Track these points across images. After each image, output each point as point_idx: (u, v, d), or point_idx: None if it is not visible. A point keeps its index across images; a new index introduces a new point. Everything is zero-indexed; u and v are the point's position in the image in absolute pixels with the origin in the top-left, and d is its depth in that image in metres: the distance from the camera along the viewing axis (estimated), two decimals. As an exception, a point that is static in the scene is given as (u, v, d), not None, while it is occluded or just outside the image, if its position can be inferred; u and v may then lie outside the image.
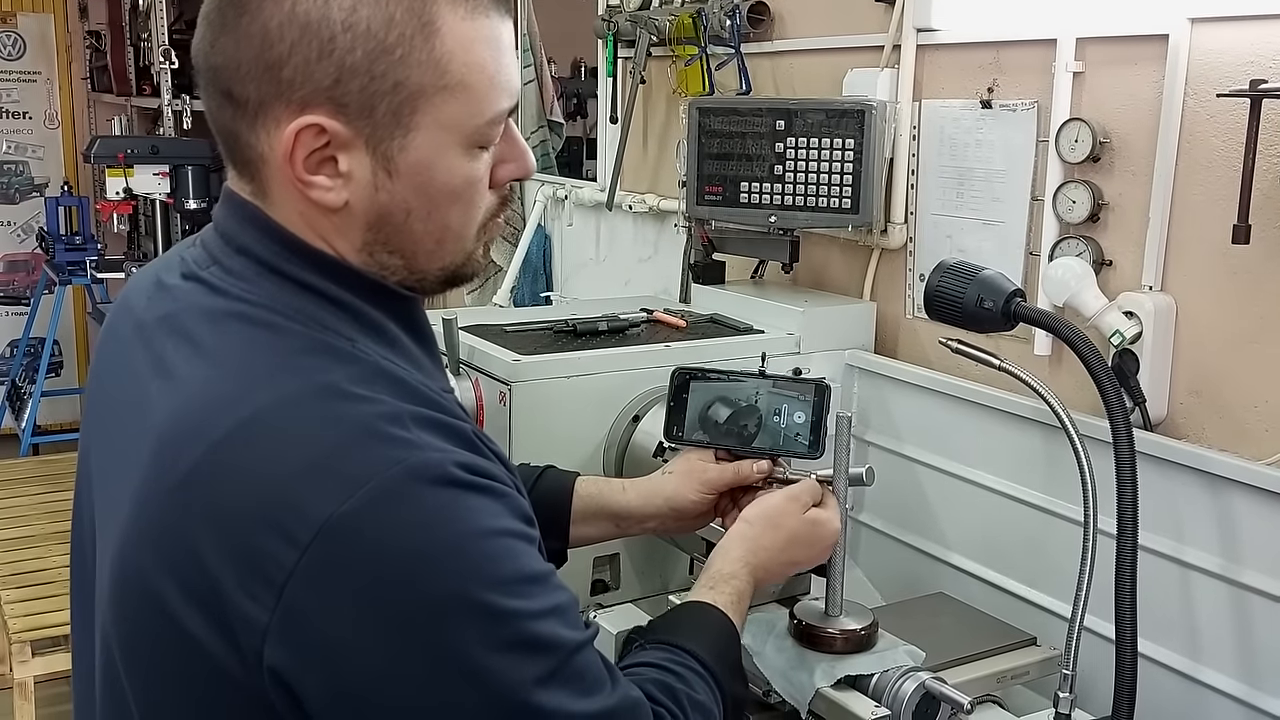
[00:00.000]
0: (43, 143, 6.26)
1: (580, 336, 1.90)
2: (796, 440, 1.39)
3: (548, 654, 0.87)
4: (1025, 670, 1.49)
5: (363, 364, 0.90)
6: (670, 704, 1.03)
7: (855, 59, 2.00)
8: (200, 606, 0.84)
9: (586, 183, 2.88)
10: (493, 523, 0.86)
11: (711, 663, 1.12)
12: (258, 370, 0.88)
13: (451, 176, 0.95)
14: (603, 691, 0.92)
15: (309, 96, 0.89)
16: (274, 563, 0.81)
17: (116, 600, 0.91)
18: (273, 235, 0.95)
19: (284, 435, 0.84)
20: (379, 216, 0.94)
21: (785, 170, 1.93)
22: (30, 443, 5.19)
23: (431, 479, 0.84)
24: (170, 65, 4.97)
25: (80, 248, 5.40)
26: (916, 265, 1.95)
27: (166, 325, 0.96)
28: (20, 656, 3.03)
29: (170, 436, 0.88)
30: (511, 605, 0.85)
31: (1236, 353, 1.50)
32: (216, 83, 0.93)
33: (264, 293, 0.93)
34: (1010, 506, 1.70)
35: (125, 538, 0.89)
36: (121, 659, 0.92)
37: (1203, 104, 1.50)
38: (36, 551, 3.45)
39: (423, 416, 0.88)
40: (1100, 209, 1.63)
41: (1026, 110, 1.74)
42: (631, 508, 1.40)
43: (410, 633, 0.82)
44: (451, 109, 0.93)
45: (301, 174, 0.91)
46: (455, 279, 1.02)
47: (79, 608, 1.07)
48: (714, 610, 1.19)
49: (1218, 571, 1.45)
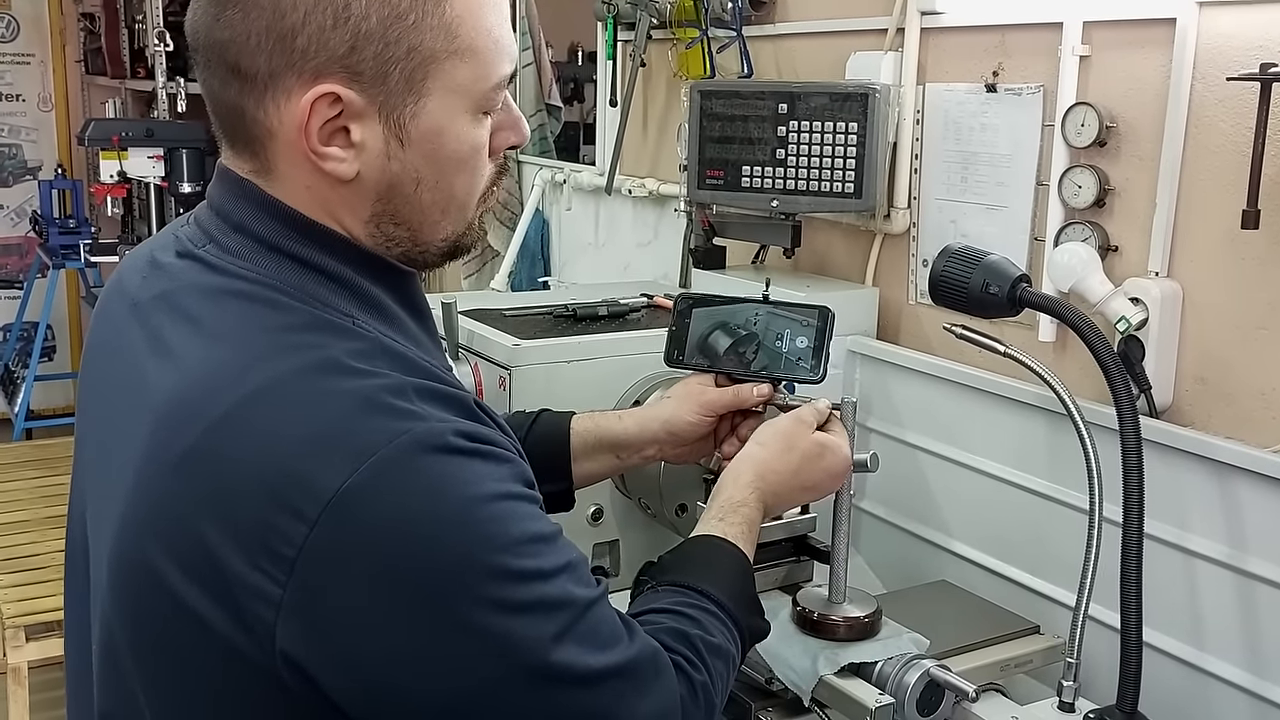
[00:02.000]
0: (36, 125, 6.22)
1: (580, 321, 1.89)
2: (798, 364, 1.37)
3: (562, 611, 0.87)
4: (1029, 659, 1.48)
5: (363, 339, 0.90)
6: (687, 651, 1.02)
7: (859, 42, 1.98)
8: (204, 584, 0.83)
9: (585, 167, 2.86)
10: (498, 487, 0.86)
11: (726, 600, 1.11)
12: (257, 347, 0.88)
13: (460, 143, 0.95)
14: (619, 645, 0.92)
15: (323, 66, 0.88)
16: (283, 538, 0.81)
17: (117, 581, 0.90)
18: (273, 212, 0.94)
19: (285, 411, 0.84)
20: (389, 187, 0.94)
21: (787, 154, 1.91)
22: (23, 427, 5.17)
23: (436, 447, 0.84)
24: (165, 48, 4.93)
25: (74, 231, 5.37)
26: (919, 251, 1.93)
27: (163, 303, 0.95)
28: (14, 642, 3.02)
29: (169, 415, 0.87)
30: (522, 566, 0.86)
31: (1243, 339, 1.49)
32: (222, 57, 0.91)
33: (263, 270, 0.92)
34: (1013, 494, 1.69)
35: (125, 518, 0.89)
36: (126, 640, 0.91)
37: (1210, 88, 1.49)
38: (30, 536, 3.44)
39: (424, 388, 0.87)
40: (1106, 194, 1.61)
41: (1032, 94, 1.72)
42: (630, 435, 1.39)
43: (423, 599, 0.82)
44: (461, 74, 0.92)
45: (315, 145, 0.90)
46: (456, 250, 1.01)
47: (73, 591, 1.05)
48: (725, 544, 1.18)
49: (1223, 559, 1.44)
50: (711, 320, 1.41)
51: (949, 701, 1.34)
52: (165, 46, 4.94)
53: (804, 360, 1.37)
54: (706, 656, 1.04)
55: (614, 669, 0.90)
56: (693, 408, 1.37)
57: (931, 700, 1.32)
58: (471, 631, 0.84)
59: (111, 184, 4.61)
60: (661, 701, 0.96)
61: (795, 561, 1.53)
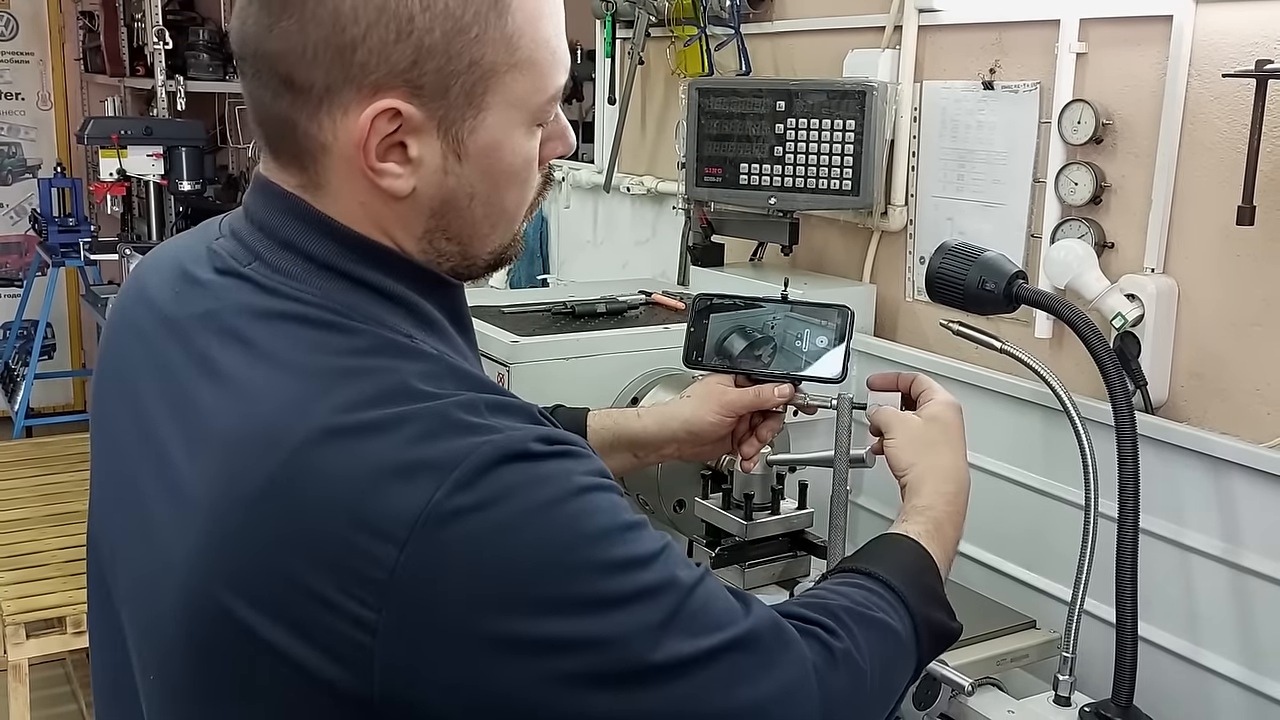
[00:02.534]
0: (35, 124, 6.21)
1: (579, 318, 1.90)
2: (819, 364, 1.37)
3: (667, 595, 0.85)
4: (1025, 653, 1.48)
5: (429, 359, 0.89)
6: (823, 618, 0.96)
7: (856, 40, 1.99)
8: (287, 620, 0.81)
9: (584, 165, 2.86)
10: (585, 480, 0.85)
11: (889, 578, 1.04)
12: (325, 372, 0.85)
13: (515, 157, 0.93)
14: (734, 619, 0.89)
15: (383, 80, 0.86)
16: (374, 563, 0.78)
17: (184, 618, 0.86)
18: (325, 230, 0.92)
19: (362, 437, 0.82)
20: (443, 202, 0.92)
21: (785, 152, 1.92)
22: (23, 425, 5.16)
23: (517, 455, 0.82)
24: (164, 46, 4.94)
25: (74, 229, 5.36)
26: (916, 248, 1.94)
27: (209, 324, 0.91)
28: (14, 639, 3.01)
29: (239, 444, 0.84)
30: (621, 554, 0.84)
31: (1238, 335, 1.50)
32: (274, 69, 0.88)
33: (318, 291, 0.90)
34: (1009, 489, 1.70)
35: (194, 557, 0.85)
36: (188, 678, 0.88)
37: (1207, 85, 1.49)
38: (30, 534, 3.43)
39: (495, 402, 0.86)
40: (1102, 191, 1.62)
41: (1029, 91, 1.73)
42: (649, 433, 1.37)
43: (524, 602, 0.81)
44: (520, 87, 0.91)
45: (373, 161, 0.88)
46: (500, 262, 1.00)
47: (97, 607, 1.03)
48: (901, 538, 1.12)
49: (1218, 555, 1.45)
50: (730, 320, 1.41)
51: (945, 695, 1.34)
52: (165, 44, 4.94)
53: (824, 359, 1.37)
54: (850, 624, 0.97)
55: (728, 643, 0.87)
56: (714, 407, 1.35)
57: (928, 694, 1.33)
58: (577, 628, 0.82)
59: (111, 182, 4.60)
60: (788, 673, 0.90)
61: (792, 557, 1.53)
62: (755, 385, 1.36)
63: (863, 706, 0.98)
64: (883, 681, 0.99)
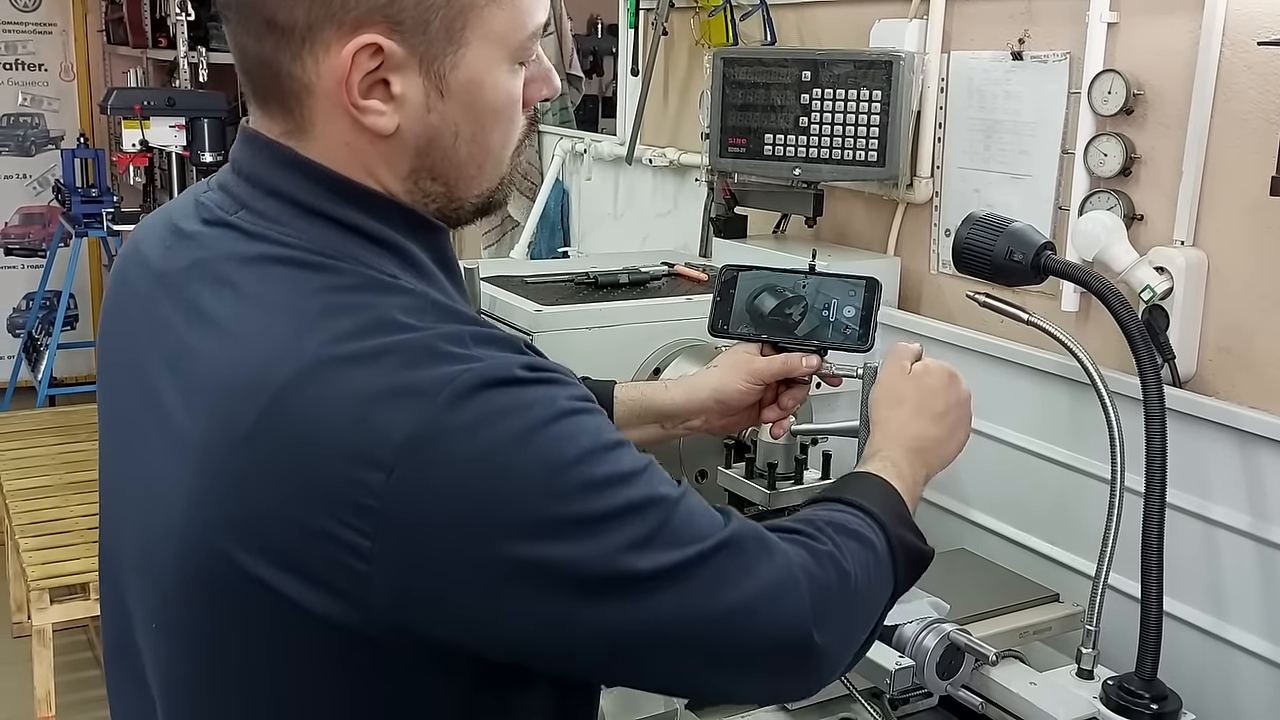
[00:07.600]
0: (58, 95, 6.24)
1: (601, 289, 1.89)
2: (846, 332, 1.37)
3: (653, 510, 0.87)
4: (1048, 626, 1.48)
5: (411, 294, 0.89)
6: (803, 527, 0.99)
7: (883, 9, 1.97)
8: (286, 558, 0.82)
9: (606, 137, 2.85)
10: (569, 404, 0.86)
11: (861, 501, 1.06)
12: (310, 311, 0.86)
13: (498, 94, 0.94)
14: (717, 528, 0.90)
15: (363, 16, 0.87)
16: (364, 489, 0.80)
17: (185, 563, 0.88)
18: (310, 174, 0.93)
19: (346, 368, 0.83)
20: (428, 141, 0.93)
21: (810, 122, 1.90)
22: (47, 394, 5.21)
23: (502, 380, 0.84)
24: (187, 17, 4.94)
25: (96, 200, 5.39)
26: (942, 220, 1.93)
27: (198, 272, 0.93)
28: (39, 604, 3.06)
29: (231, 388, 0.85)
30: (605, 471, 0.85)
31: (1268, 309, 1.48)
32: (257, 11, 0.89)
33: (303, 234, 0.91)
34: (1035, 463, 1.69)
35: (190, 500, 0.87)
36: (189, 624, 0.89)
37: (1240, 55, 1.47)
38: (54, 501, 3.48)
39: (480, 334, 0.87)
40: (1132, 162, 1.60)
41: (1058, 62, 1.71)
42: (677, 404, 1.38)
43: (511, 521, 0.82)
44: (499, 21, 0.92)
45: (356, 99, 0.89)
46: (489, 206, 1.01)
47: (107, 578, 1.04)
48: (865, 474, 1.14)
49: (1246, 529, 1.44)
50: (756, 287, 1.41)
51: (968, 666, 1.34)
52: (187, 15, 4.94)
53: (851, 328, 1.37)
54: (831, 532, 0.99)
55: (712, 548, 0.88)
56: (742, 376, 1.36)
57: (951, 664, 1.33)
58: (565, 544, 0.83)
59: (133, 153, 4.62)
60: (774, 573, 0.92)
61: (815, 528, 1.52)
62: (782, 354, 1.36)
63: (851, 610, 0.99)
64: (867, 589, 1.00)
